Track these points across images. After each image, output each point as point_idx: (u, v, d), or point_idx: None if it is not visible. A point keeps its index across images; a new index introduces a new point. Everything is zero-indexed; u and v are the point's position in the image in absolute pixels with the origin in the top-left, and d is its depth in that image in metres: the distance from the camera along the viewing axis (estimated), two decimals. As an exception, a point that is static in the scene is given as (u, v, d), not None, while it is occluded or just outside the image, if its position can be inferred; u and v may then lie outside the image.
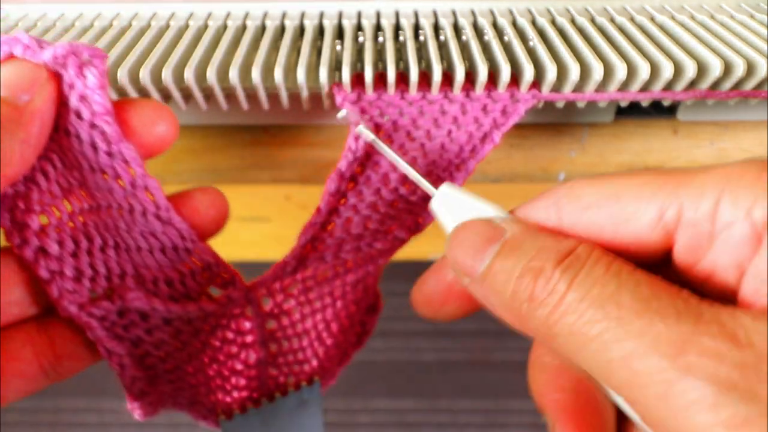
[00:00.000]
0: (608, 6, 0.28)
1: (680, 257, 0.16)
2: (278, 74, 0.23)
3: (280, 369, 0.27)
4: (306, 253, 0.24)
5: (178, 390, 0.25)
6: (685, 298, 0.14)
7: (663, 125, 0.29)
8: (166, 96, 0.25)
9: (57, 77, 0.18)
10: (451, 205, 0.20)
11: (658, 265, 0.17)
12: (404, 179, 0.25)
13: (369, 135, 0.22)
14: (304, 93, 0.24)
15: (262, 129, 0.29)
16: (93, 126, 0.19)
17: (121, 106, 0.19)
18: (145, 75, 0.23)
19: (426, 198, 0.26)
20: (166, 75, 0.23)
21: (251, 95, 0.25)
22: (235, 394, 0.26)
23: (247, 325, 0.25)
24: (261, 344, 0.25)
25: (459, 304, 0.21)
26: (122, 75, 0.23)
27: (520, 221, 0.18)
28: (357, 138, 0.24)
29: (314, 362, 0.28)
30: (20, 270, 0.20)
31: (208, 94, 0.25)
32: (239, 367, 0.26)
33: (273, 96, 0.25)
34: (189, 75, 0.23)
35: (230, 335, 0.25)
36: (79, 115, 0.19)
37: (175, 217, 0.21)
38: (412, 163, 0.25)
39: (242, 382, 0.26)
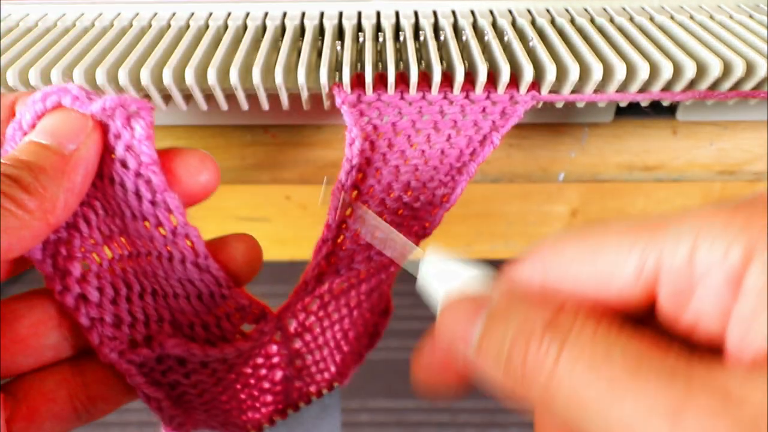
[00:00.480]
0: (608, 6, 0.28)
1: (665, 308, 0.16)
2: (278, 75, 0.23)
3: (304, 380, 0.28)
4: (322, 270, 0.25)
5: (212, 416, 0.26)
6: (674, 357, 0.14)
7: (662, 125, 0.29)
8: (167, 96, 0.25)
9: (102, 127, 0.18)
10: (436, 275, 0.20)
11: (645, 317, 0.17)
12: (407, 187, 0.26)
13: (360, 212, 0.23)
14: (305, 93, 0.24)
15: (262, 129, 0.29)
16: (138, 175, 0.19)
17: (166, 156, 0.20)
18: (145, 75, 0.23)
19: (431, 203, 0.26)
20: (167, 75, 0.23)
21: (251, 95, 0.25)
22: (264, 410, 0.27)
23: (274, 348, 0.26)
24: (288, 363, 0.26)
25: (458, 376, 0.21)
26: (123, 75, 0.23)
27: (503, 287, 0.18)
28: (352, 144, 0.24)
29: (333, 369, 0.29)
30: (57, 314, 0.21)
31: (209, 95, 0.25)
32: (267, 385, 0.27)
33: (273, 96, 0.25)
34: (190, 75, 0.23)
35: (260, 360, 0.26)
36: (124, 164, 0.19)
37: (212, 265, 0.21)
38: (414, 170, 0.26)
39: (269, 398, 0.27)
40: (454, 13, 0.28)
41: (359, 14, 0.28)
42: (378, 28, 0.28)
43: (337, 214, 0.24)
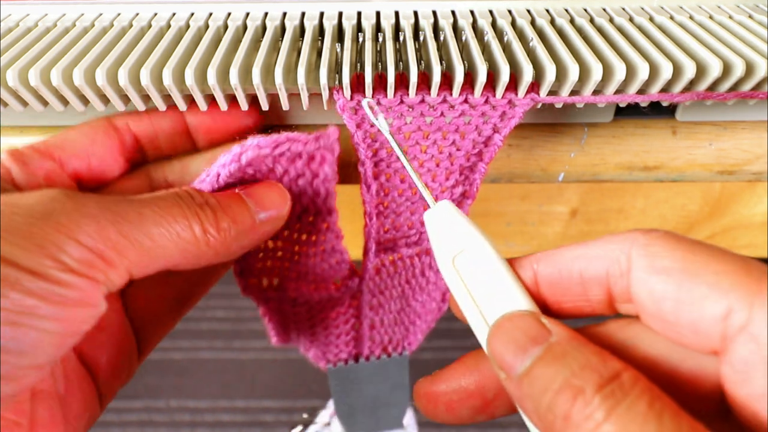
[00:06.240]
0: (607, 6, 0.28)
1: (729, 373, 0.16)
2: (278, 75, 0.23)
3: (374, 341, 0.35)
4: (380, 238, 0.29)
5: (303, 337, 0.35)
6: None
7: (662, 125, 0.29)
8: (167, 96, 0.25)
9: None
10: (446, 224, 0.20)
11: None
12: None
13: (384, 128, 0.24)
14: (305, 93, 0.24)
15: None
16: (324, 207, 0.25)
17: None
18: (145, 75, 0.23)
19: (453, 200, 0.28)
20: (167, 75, 0.23)
21: (251, 95, 0.25)
22: (342, 352, 0.35)
23: (346, 303, 0.33)
24: (358, 318, 0.34)
25: (470, 412, 0.20)
26: (123, 75, 0.23)
27: (564, 330, 0.17)
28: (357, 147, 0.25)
29: (401, 336, 0.35)
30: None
31: (209, 95, 0.25)
32: (341, 332, 0.34)
33: (273, 96, 0.25)
34: (189, 75, 0.23)
35: (341, 309, 0.33)
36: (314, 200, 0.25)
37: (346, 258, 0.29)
38: (427, 171, 0.27)
39: (342, 345, 0.35)
40: (453, 13, 0.28)
41: (359, 14, 0.28)
42: (378, 28, 0.28)
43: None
